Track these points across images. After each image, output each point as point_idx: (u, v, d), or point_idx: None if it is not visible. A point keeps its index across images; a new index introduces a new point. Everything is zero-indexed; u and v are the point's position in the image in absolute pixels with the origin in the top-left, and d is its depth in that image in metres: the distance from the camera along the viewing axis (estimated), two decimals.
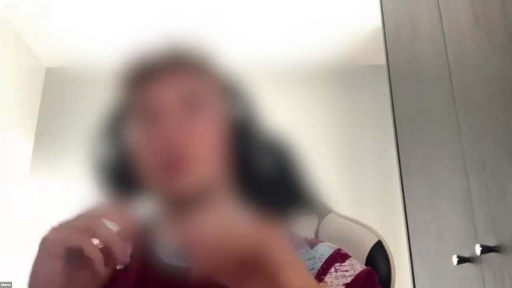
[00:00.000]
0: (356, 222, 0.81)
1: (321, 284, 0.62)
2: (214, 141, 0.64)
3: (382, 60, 1.96)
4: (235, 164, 0.67)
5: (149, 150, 0.62)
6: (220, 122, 0.66)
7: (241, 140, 0.67)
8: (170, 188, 0.62)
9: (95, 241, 0.50)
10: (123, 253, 0.50)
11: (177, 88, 0.64)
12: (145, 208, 0.69)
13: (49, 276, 0.50)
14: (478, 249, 1.15)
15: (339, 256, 0.65)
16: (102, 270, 0.50)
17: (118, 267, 0.54)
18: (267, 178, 0.69)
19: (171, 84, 0.64)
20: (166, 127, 0.62)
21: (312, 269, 0.63)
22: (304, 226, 0.80)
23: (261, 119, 0.70)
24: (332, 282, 0.62)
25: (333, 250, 0.66)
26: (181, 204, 0.64)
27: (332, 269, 0.63)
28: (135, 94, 0.65)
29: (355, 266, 0.65)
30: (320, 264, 0.64)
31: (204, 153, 0.63)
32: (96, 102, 0.69)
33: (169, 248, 0.66)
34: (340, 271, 0.63)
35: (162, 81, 0.64)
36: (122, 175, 0.67)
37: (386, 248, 0.76)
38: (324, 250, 0.66)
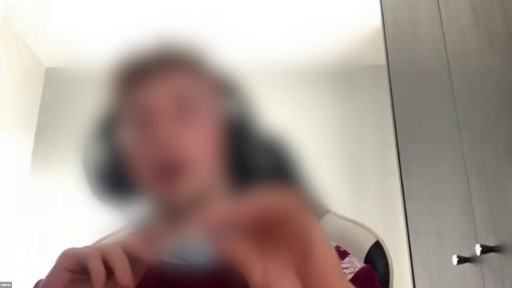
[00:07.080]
0: (354, 222, 0.80)
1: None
2: (210, 144, 0.63)
3: (382, 60, 1.96)
4: (231, 164, 0.66)
5: (144, 154, 0.61)
6: (215, 123, 0.64)
7: (238, 140, 0.65)
8: (166, 193, 0.60)
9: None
10: (127, 280, 0.47)
11: (169, 89, 0.62)
12: (139, 210, 0.68)
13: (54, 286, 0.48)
14: (478, 249, 1.15)
15: (338, 254, 0.65)
16: None
17: None
18: (264, 178, 0.68)
19: (163, 85, 0.62)
20: (160, 129, 0.60)
21: None
22: None
23: (258, 118, 0.68)
24: None
25: None
26: (177, 208, 0.62)
27: None
28: (126, 95, 0.64)
29: (354, 264, 0.64)
30: None
31: (200, 156, 0.61)
32: (96, 102, 0.69)
33: (166, 246, 0.66)
34: None
35: (154, 82, 0.62)
36: (115, 177, 0.65)
37: (384, 248, 0.76)
38: None
